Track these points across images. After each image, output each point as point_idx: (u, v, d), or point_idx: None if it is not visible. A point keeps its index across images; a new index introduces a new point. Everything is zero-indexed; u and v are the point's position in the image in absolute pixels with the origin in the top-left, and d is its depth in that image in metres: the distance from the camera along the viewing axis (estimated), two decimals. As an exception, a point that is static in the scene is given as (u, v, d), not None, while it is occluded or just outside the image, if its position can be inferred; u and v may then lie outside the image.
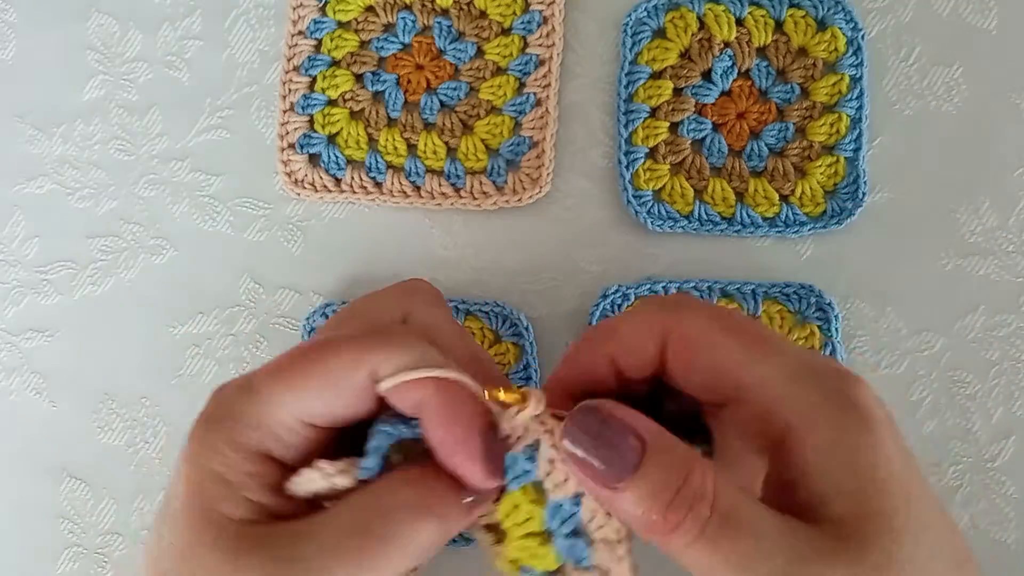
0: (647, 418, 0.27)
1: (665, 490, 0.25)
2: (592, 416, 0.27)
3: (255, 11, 0.51)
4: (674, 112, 0.49)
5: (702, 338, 0.28)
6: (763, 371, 0.27)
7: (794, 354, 0.27)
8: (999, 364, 0.49)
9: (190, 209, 0.51)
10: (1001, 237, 0.49)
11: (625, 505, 0.26)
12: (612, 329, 0.30)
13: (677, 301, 0.30)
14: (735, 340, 0.27)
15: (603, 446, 0.26)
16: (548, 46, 0.50)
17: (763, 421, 0.27)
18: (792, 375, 0.27)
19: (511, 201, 0.49)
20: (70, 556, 0.49)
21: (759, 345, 0.27)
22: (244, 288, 0.50)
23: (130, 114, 0.51)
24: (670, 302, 0.30)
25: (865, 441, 0.25)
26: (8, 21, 0.52)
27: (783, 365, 0.27)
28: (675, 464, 0.25)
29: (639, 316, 0.29)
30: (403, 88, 0.50)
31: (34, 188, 0.51)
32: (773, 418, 0.26)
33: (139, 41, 0.51)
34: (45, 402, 0.50)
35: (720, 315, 0.29)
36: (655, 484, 0.25)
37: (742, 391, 0.27)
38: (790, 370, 0.27)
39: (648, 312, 0.29)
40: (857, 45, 0.49)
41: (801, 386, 0.26)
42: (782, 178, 0.49)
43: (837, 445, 0.25)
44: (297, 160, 0.50)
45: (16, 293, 0.50)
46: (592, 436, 0.26)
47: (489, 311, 0.49)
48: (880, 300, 0.49)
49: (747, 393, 0.27)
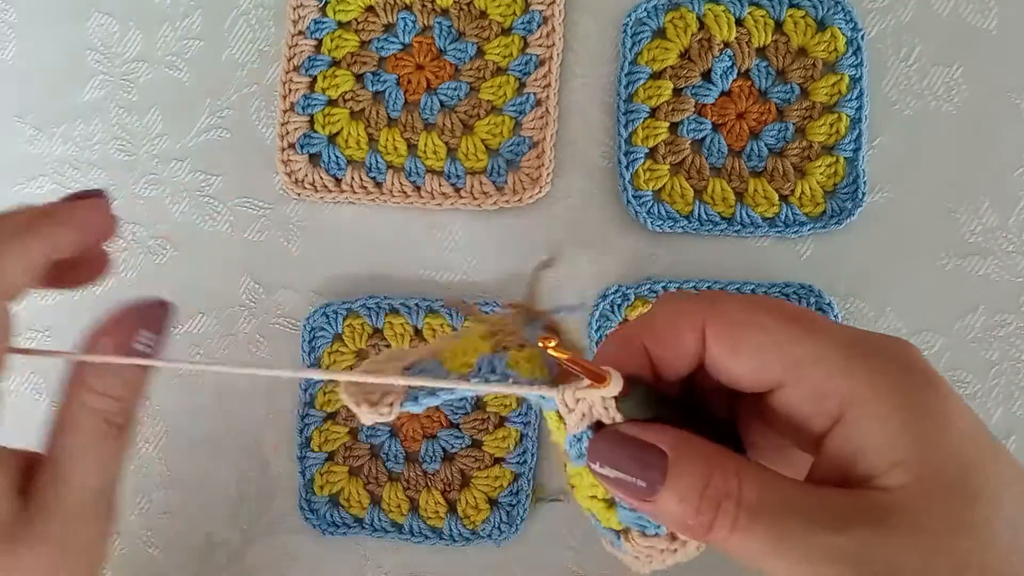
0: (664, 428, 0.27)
1: (692, 495, 0.26)
2: (613, 439, 0.27)
3: (255, 11, 0.51)
4: (674, 112, 0.49)
5: (746, 319, 0.27)
6: (816, 345, 0.26)
7: (840, 328, 0.27)
8: (999, 364, 0.49)
9: (190, 209, 0.51)
10: (1001, 237, 0.49)
11: (662, 514, 0.27)
12: (647, 322, 0.29)
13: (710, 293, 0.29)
14: (780, 319, 0.27)
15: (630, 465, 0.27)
16: (548, 46, 0.50)
17: (816, 400, 0.26)
18: (847, 345, 0.26)
19: (511, 201, 0.49)
20: (70, 556, 0.49)
21: (805, 322, 0.27)
22: (244, 288, 0.50)
23: (130, 114, 0.51)
24: (704, 294, 0.29)
25: (932, 404, 0.25)
26: (8, 21, 0.52)
27: (834, 337, 0.26)
28: (697, 469, 0.26)
29: (674, 305, 0.28)
30: (403, 88, 0.50)
31: (34, 188, 0.51)
32: (830, 393, 0.26)
33: (139, 41, 0.51)
34: (45, 402, 0.50)
35: (759, 299, 0.28)
36: (682, 492, 0.26)
37: (795, 368, 0.26)
38: (843, 341, 0.26)
39: (683, 301, 0.28)
40: (857, 45, 0.49)
41: (859, 355, 0.26)
42: (782, 178, 0.49)
43: (901, 410, 0.25)
44: (297, 160, 0.50)
45: (16, 293, 0.50)
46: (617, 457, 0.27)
47: (489, 311, 0.49)
48: (880, 300, 0.49)
49: (801, 369, 0.26)
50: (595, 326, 0.48)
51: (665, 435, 0.27)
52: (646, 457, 0.27)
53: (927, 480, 0.24)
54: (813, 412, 0.26)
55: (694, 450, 0.26)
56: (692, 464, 0.26)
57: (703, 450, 0.26)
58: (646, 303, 0.48)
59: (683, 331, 0.28)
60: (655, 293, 0.48)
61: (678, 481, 0.26)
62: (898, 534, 0.23)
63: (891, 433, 0.25)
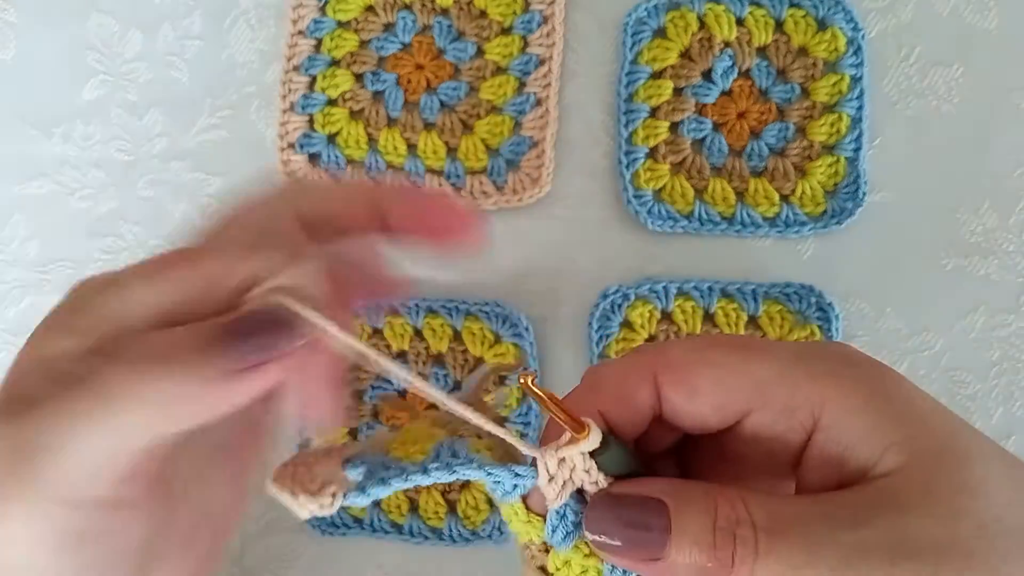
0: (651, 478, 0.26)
1: (704, 535, 0.25)
2: (609, 501, 0.26)
3: (255, 11, 0.51)
4: (674, 112, 0.49)
5: (698, 358, 0.27)
6: (772, 364, 0.26)
7: (784, 345, 0.28)
8: (999, 364, 0.48)
9: (190, 209, 0.51)
10: (1001, 237, 0.49)
11: (678, 569, 0.25)
12: (595, 386, 0.28)
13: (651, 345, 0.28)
14: (729, 350, 0.27)
15: (630, 527, 0.25)
16: (548, 46, 0.50)
17: (788, 415, 0.26)
18: (799, 357, 0.26)
19: (511, 201, 0.49)
20: (70, 556, 0.49)
21: (753, 347, 0.27)
22: (244, 288, 0.50)
23: (130, 114, 0.51)
24: (643, 348, 0.29)
25: (893, 389, 0.26)
26: (8, 21, 0.52)
27: (785, 353, 0.27)
28: (700, 508, 0.25)
29: (619, 366, 0.28)
30: (403, 88, 0.50)
31: (34, 188, 0.51)
32: (800, 404, 0.26)
33: (139, 41, 0.51)
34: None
35: (700, 338, 0.29)
36: (692, 535, 0.25)
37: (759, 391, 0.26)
38: (794, 354, 0.27)
39: (628, 359, 0.28)
40: (857, 45, 0.49)
41: (811, 363, 0.26)
42: (782, 178, 0.49)
43: (872, 399, 0.25)
44: (297, 160, 0.50)
45: (16, 293, 0.50)
46: (617, 521, 0.26)
47: (489, 311, 0.49)
48: (880, 300, 0.49)
49: (766, 390, 0.26)
50: (595, 326, 0.48)
51: (656, 484, 0.26)
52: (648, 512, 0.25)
53: (920, 455, 0.24)
54: (786, 429, 0.26)
55: (691, 489, 0.26)
56: (694, 503, 0.25)
57: (700, 486, 0.26)
58: (646, 303, 0.48)
59: (635, 388, 0.27)
60: (655, 293, 0.48)
61: (686, 524, 0.25)
62: (917, 511, 0.24)
63: (872, 422, 0.25)
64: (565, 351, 0.49)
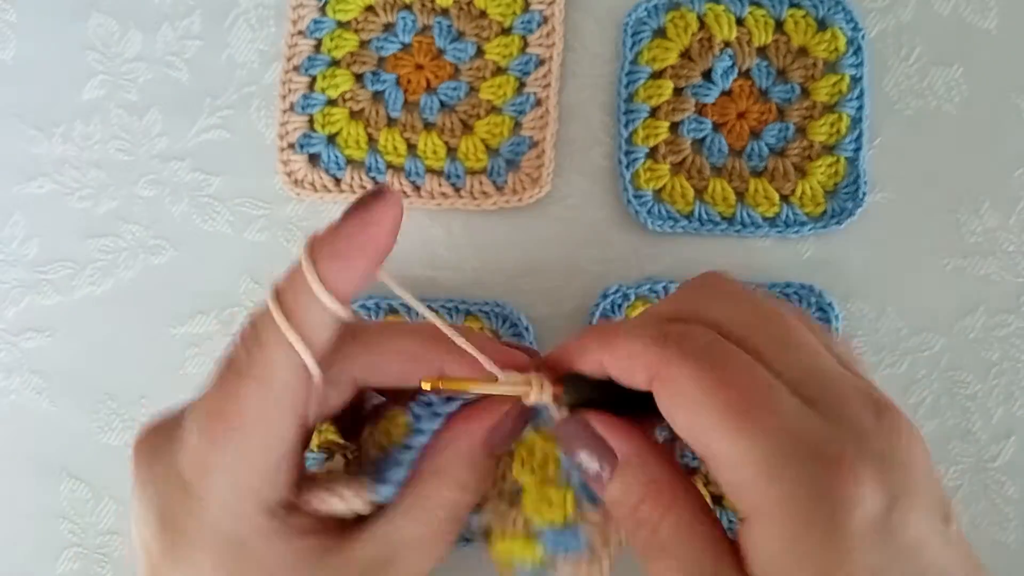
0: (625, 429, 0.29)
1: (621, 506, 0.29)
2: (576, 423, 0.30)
3: (255, 11, 0.51)
4: (674, 112, 0.49)
5: (684, 393, 0.26)
6: (737, 448, 0.25)
7: (782, 430, 0.25)
8: (999, 364, 0.48)
9: (190, 209, 0.51)
10: (1002, 237, 0.49)
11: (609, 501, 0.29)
12: (608, 342, 0.29)
13: (677, 334, 0.28)
14: (719, 403, 0.25)
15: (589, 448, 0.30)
16: (548, 46, 0.50)
17: (730, 491, 0.26)
18: (768, 459, 0.24)
19: (511, 201, 0.49)
20: (70, 556, 0.49)
21: (744, 415, 0.25)
22: (244, 288, 0.50)
23: (130, 114, 0.51)
24: (669, 334, 0.28)
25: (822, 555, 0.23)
26: (8, 21, 0.52)
27: (761, 447, 0.24)
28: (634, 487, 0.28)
29: (633, 344, 0.28)
30: (403, 88, 0.50)
31: (34, 188, 0.51)
32: (737, 501, 0.25)
33: (139, 41, 0.51)
34: (45, 402, 0.50)
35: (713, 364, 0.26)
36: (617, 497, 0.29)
37: (712, 465, 0.26)
38: (768, 453, 0.24)
39: (642, 342, 0.28)
40: (857, 45, 0.49)
41: (772, 476, 0.24)
42: (782, 178, 0.49)
43: (789, 550, 0.24)
44: (297, 160, 0.50)
45: (16, 293, 0.50)
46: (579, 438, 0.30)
47: (489, 311, 0.49)
48: (880, 300, 0.49)
49: (715, 467, 0.26)
50: (595, 326, 0.48)
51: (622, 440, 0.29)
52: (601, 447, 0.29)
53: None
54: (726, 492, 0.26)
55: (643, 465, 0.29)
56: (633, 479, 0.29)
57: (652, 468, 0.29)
58: (646, 303, 0.48)
59: (637, 374, 0.28)
60: (655, 293, 0.48)
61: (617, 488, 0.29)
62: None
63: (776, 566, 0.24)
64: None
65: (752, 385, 0.26)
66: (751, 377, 0.26)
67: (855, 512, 0.23)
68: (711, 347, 0.27)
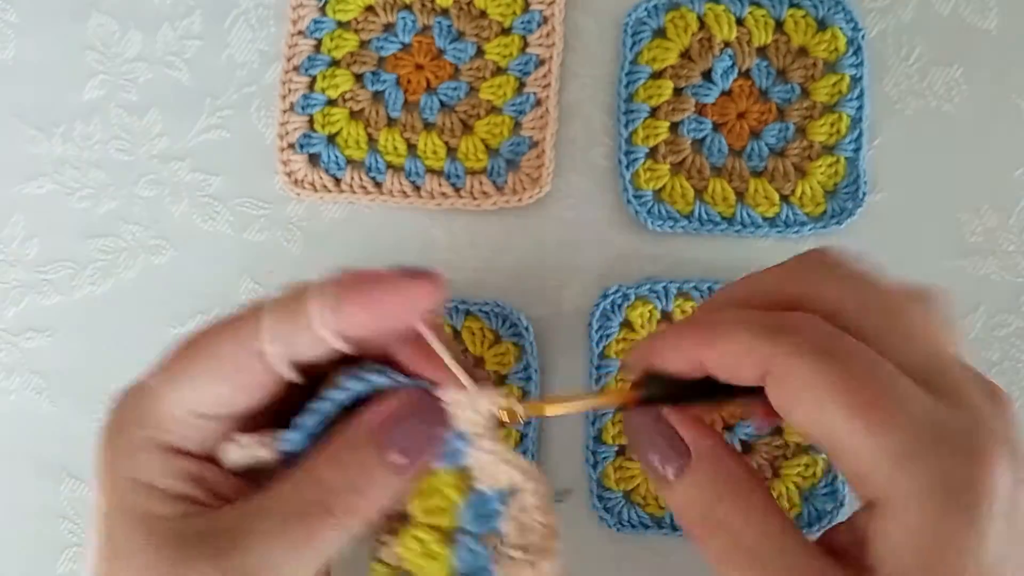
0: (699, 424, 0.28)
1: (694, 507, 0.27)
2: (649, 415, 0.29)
3: (255, 11, 0.51)
4: (674, 112, 0.49)
5: (805, 389, 0.25)
6: (867, 444, 0.24)
7: (914, 423, 0.24)
8: (999, 364, 0.48)
9: (190, 209, 0.51)
10: (1001, 237, 0.49)
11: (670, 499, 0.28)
12: (710, 339, 0.27)
13: (791, 325, 0.26)
14: (845, 400, 0.24)
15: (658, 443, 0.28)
16: (548, 46, 0.50)
17: (853, 478, 0.25)
18: (902, 452, 0.24)
19: (511, 201, 0.49)
20: (70, 556, 0.49)
21: (872, 411, 0.24)
22: (244, 288, 0.50)
23: (130, 114, 0.51)
24: (782, 325, 0.26)
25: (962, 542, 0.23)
26: (8, 21, 0.52)
27: (894, 440, 0.24)
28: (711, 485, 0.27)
29: (739, 338, 0.26)
30: (403, 88, 0.50)
31: (34, 188, 0.51)
32: (868, 484, 0.24)
33: (139, 41, 0.51)
34: (45, 402, 0.50)
35: (833, 356, 0.25)
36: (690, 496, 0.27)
37: (836, 456, 0.25)
38: (901, 446, 0.24)
39: (751, 335, 0.26)
40: (857, 45, 0.49)
41: (904, 469, 0.24)
42: (782, 178, 0.49)
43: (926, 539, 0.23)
44: (297, 160, 0.50)
45: (16, 293, 0.50)
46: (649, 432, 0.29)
47: (489, 311, 0.49)
48: (880, 300, 0.49)
49: (840, 459, 0.25)
50: (595, 326, 0.48)
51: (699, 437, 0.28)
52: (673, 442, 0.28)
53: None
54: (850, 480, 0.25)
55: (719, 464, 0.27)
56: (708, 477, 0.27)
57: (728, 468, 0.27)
58: (646, 303, 0.48)
59: (745, 371, 0.26)
60: (655, 293, 0.48)
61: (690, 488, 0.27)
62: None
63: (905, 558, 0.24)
64: (565, 351, 0.49)
65: (877, 379, 0.25)
66: (875, 371, 0.25)
67: (993, 498, 0.23)
68: (829, 340, 0.25)
